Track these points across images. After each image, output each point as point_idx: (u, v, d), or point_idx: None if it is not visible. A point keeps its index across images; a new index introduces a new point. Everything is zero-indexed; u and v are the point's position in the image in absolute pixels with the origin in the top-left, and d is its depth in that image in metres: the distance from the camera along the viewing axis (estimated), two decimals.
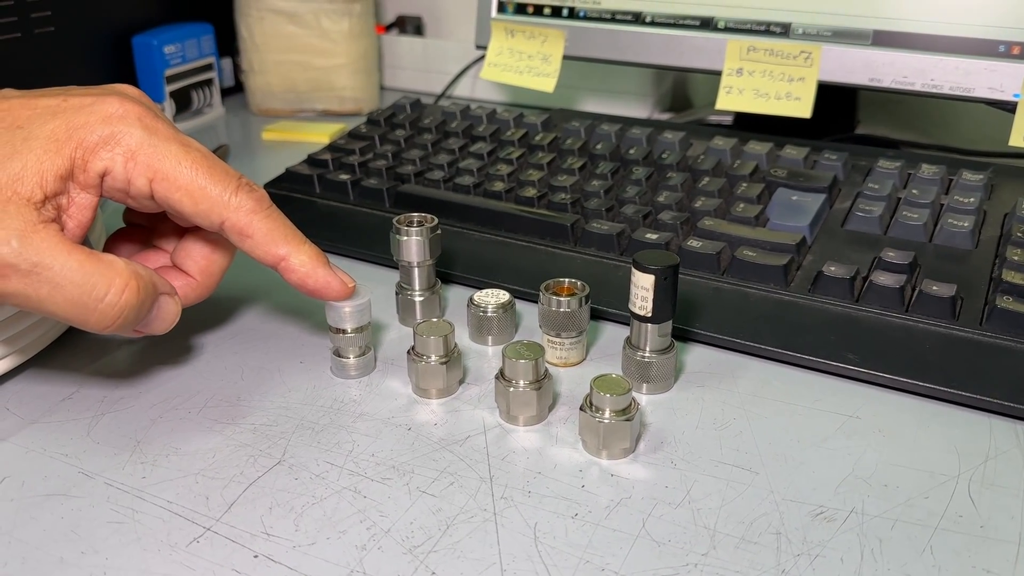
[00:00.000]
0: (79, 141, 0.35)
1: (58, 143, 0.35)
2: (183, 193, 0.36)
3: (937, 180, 0.55)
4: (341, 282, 0.40)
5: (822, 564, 0.31)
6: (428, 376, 0.41)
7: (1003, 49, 0.56)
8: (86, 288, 0.34)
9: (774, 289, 0.46)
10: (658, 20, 0.66)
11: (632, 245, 0.50)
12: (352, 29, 0.83)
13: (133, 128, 0.36)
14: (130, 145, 0.36)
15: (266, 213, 0.38)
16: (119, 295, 0.34)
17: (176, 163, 0.36)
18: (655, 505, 0.34)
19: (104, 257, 0.35)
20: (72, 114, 0.36)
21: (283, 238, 0.39)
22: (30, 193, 0.34)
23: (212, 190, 0.37)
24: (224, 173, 0.37)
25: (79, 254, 0.34)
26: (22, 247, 0.33)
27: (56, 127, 0.35)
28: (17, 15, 0.69)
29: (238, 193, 0.37)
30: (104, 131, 0.35)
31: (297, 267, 0.39)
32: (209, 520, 0.33)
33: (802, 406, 0.40)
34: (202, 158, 0.37)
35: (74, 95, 0.37)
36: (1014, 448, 0.37)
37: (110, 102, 0.36)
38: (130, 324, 0.36)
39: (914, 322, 0.43)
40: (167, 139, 0.37)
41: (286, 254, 0.38)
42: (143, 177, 0.36)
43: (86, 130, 0.35)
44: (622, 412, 0.36)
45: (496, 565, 0.31)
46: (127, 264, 0.35)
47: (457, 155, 0.62)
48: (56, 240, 0.34)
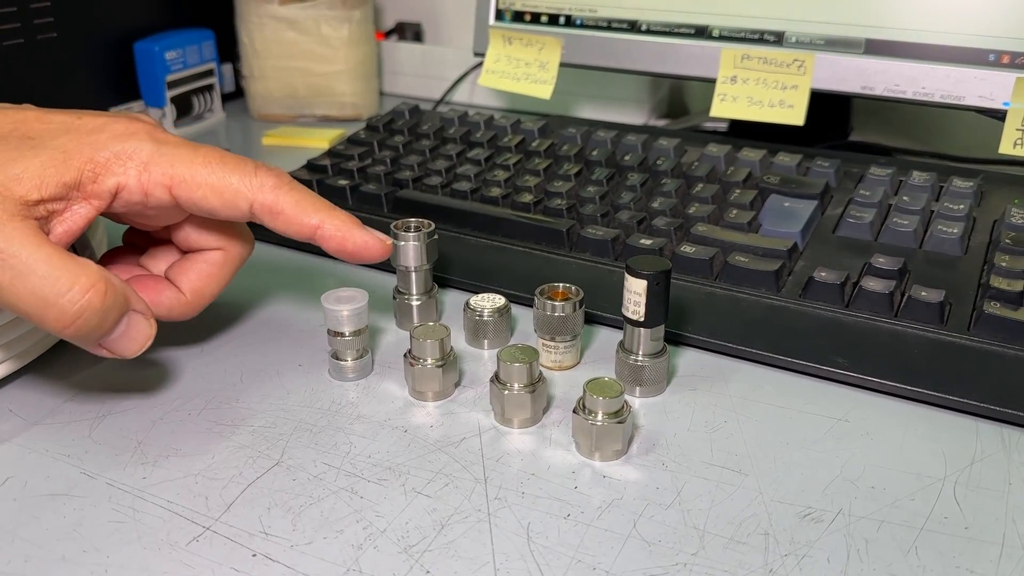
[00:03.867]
0: (89, 156, 0.36)
1: (67, 154, 0.36)
2: (206, 189, 0.37)
3: (928, 187, 0.55)
4: (379, 240, 0.40)
5: (809, 564, 0.32)
6: (424, 379, 0.41)
7: (993, 58, 0.57)
8: (49, 280, 0.33)
9: (765, 294, 0.47)
10: (653, 28, 0.67)
11: (626, 250, 0.51)
12: (352, 35, 0.83)
13: (143, 142, 0.37)
14: (142, 158, 0.37)
15: (290, 187, 0.39)
16: (82, 293, 0.34)
17: (190, 164, 0.37)
18: (646, 506, 0.35)
19: (77, 259, 0.34)
20: (85, 133, 0.37)
21: (313, 208, 0.39)
22: (25, 192, 0.34)
23: (232, 178, 0.37)
24: (238, 160, 0.38)
25: (50, 248, 0.34)
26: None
27: (67, 141, 0.36)
28: (20, 21, 0.70)
29: (257, 174, 0.38)
30: (115, 148, 0.36)
31: (333, 232, 0.39)
32: (208, 520, 0.34)
33: (792, 409, 0.41)
34: (213, 153, 0.38)
35: (87, 115, 0.38)
36: (999, 451, 0.38)
37: (122, 122, 0.38)
38: (91, 329, 0.34)
39: (903, 327, 0.44)
40: (176, 145, 0.38)
41: (319, 222, 0.39)
42: (160, 186, 0.37)
43: (97, 146, 0.36)
44: (615, 415, 0.37)
45: (489, 564, 0.32)
46: (99, 269, 0.35)
47: (455, 161, 0.63)
48: (30, 232, 0.34)
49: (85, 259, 0.35)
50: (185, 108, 0.82)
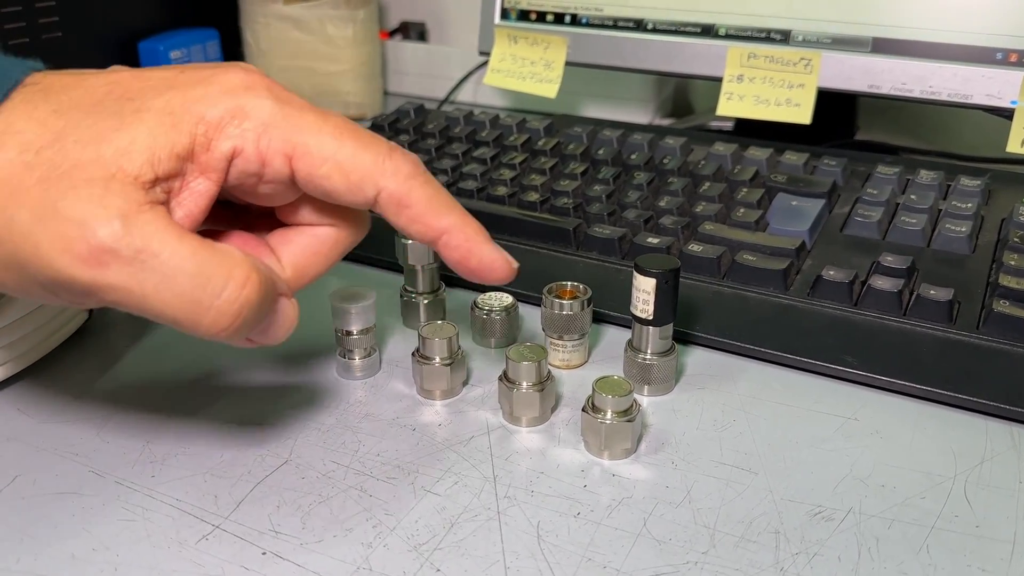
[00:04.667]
0: (200, 115, 0.30)
1: (174, 116, 0.30)
2: (331, 165, 0.31)
3: (935, 186, 0.55)
4: (507, 261, 0.34)
5: (820, 562, 0.32)
6: (432, 377, 0.41)
7: (1000, 56, 0.57)
8: (200, 280, 0.28)
9: (774, 293, 0.47)
10: (659, 27, 0.67)
11: (633, 249, 0.51)
12: (356, 35, 0.83)
13: (262, 99, 0.31)
14: (261, 118, 0.31)
15: (424, 178, 0.33)
16: (239, 289, 0.29)
17: (318, 132, 0.31)
18: (656, 504, 0.35)
19: (219, 246, 0.30)
20: (191, 87, 0.31)
21: (446, 208, 0.33)
22: (138, 171, 0.29)
23: (363, 157, 0.31)
24: (372, 137, 0.32)
25: (192, 241, 0.29)
26: (126, 229, 0.28)
27: (172, 99, 0.30)
28: (25, 20, 0.70)
29: (392, 157, 0.32)
30: (230, 104, 0.30)
31: (462, 242, 0.33)
32: (218, 518, 0.34)
33: (801, 408, 0.41)
34: (345, 123, 0.32)
35: (191, 68, 0.32)
36: (1009, 450, 0.38)
37: (233, 73, 0.31)
38: (249, 326, 0.30)
39: (912, 326, 0.44)
40: (302, 108, 0.32)
41: (449, 226, 0.33)
42: (280, 155, 0.31)
43: (207, 102, 0.30)
44: (624, 413, 0.37)
45: (500, 563, 0.32)
46: (245, 256, 0.30)
47: (460, 160, 0.63)
48: (165, 223, 0.29)
49: (226, 245, 0.30)
50: None
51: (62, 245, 0.27)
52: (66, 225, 0.27)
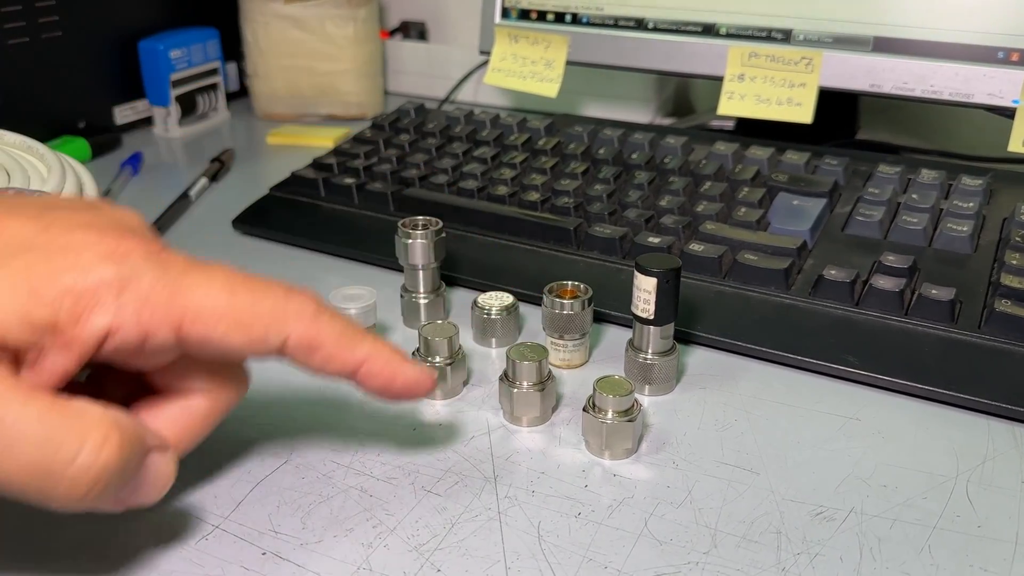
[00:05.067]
0: (67, 287, 0.26)
1: (34, 281, 0.26)
2: (228, 323, 0.28)
3: (937, 185, 0.55)
4: (428, 374, 0.33)
5: (822, 563, 0.32)
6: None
7: (1002, 55, 0.56)
8: (50, 447, 0.25)
9: (775, 292, 0.47)
10: (660, 26, 0.67)
11: (634, 249, 0.51)
12: (357, 34, 0.83)
13: (140, 266, 0.27)
14: (141, 289, 0.27)
15: (329, 314, 0.31)
16: (95, 453, 0.25)
17: (207, 291, 0.28)
18: (657, 505, 0.35)
19: (73, 404, 0.26)
20: (56, 251, 0.27)
21: (358, 337, 0.31)
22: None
23: (262, 306, 0.29)
24: (266, 283, 0.30)
25: (39, 402, 0.25)
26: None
27: (32, 262, 0.26)
28: (25, 20, 0.70)
29: (291, 299, 0.30)
30: (104, 273, 0.27)
31: (382, 367, 0.31)
32: (217, 518, 0.34)
33: (803, 408, 0.41)
34: (232, 274, 0.29)
35: (56, 221, 0.28)
36: (1012, 449, 0.38)
37: (105, 235, 0.28)
38: (111, 491, 0.27)
39: (913, 325, 0.44)
40: (185, 269, 0.28)
41: (365, 355, 0.31)
42: (166, 325, 0.28)
43: (76, 272, 0.26)
44: (624, 413, 0.37)
45: (500, 563, 0.32)
46: (103, 411, 0.26)
47: (461, 159, 0.62)
48: (8, 384, 0.25)
49: (80, 401, 0.26)
50: (189, 107, 0.82)
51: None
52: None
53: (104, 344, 0.27)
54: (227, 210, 0.62)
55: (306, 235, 0.58)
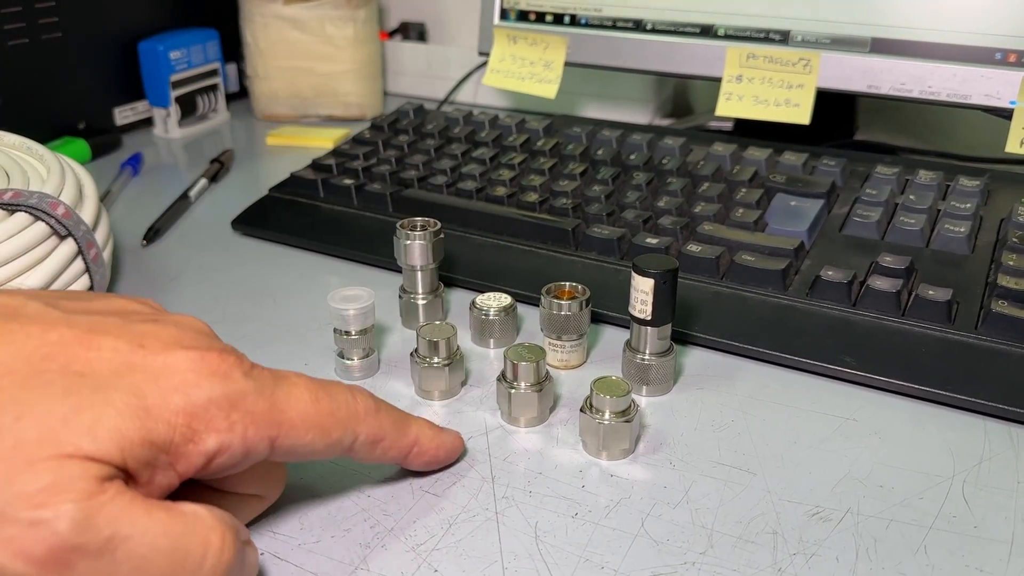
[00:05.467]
0: (181, 406, 0.27)
1: (146, 401, 0.26)
2: (315, 432, 0.30)
3: (934, 186, 0.55)
4: (460, 437, 0.37)
5: (818, 563, 0.32)
6: (431, 378, 0.41)
7: (999, 57, 0.57)
8: (178, 556, 0.25)
9: (772, 293, 0.47)
10: (659, 27, 0.67)
11: (632, 249, 0.51)
12: (356, 35, 0.83)
13: (243, 383, 0.28)
14: (246, 407, 0.28)
15: (382, 405, 0.33)
16: (218, 556, 0.26)
17: (297, 403, 0.29)
18: (654, 505, 0.35)
19: (187, 510, 0.26)
20: (161, 371, 0.27)
21: (406, 422, 0.34)
22: (102, 453, 0.25)
23: (338, 410, 0.31)
24: (333, 386, 0.31)
25: (161, 513, 0.26)
26: (89, 518, 0.24)
27: (139, 382, 0.26)
28: (25, 21, 0.70)
29: (356, 399, 0.32)
30: (212, 392, 0.27)
31: (429, 445, 0.34)
32: None
33: (799, 408, 0.41)
34: (310, 382, 0.31)
35: (146, 337, 0.28)
36: (1008, 450, 0.38)
37: (204, 352, 0.28)
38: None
39: (910, 326, 0.44)
40: (275, 383, 0.29)
41: (415, 437, 0.34)
42: (265, 440, 0.28)
43: (187, 392, 0.27)
44: (622, 414, 0.37)
45: (498, 563, 0.32)
46: (210, 512, 0.27)
47: (460, 160, 0.63)
48: (129, 499, 0.25)
49: (190, 505, 0.27)
50: (189, 108, 0.82)
51: (12, 549, 0.23)
52: (13, 526, 0.23)
53: (212, 462, 0.27)
54: (227, 211, 0.62)
55: (305, 236, 0.58)
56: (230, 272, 0.55)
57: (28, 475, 0.24)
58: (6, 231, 0.43)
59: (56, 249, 0.45)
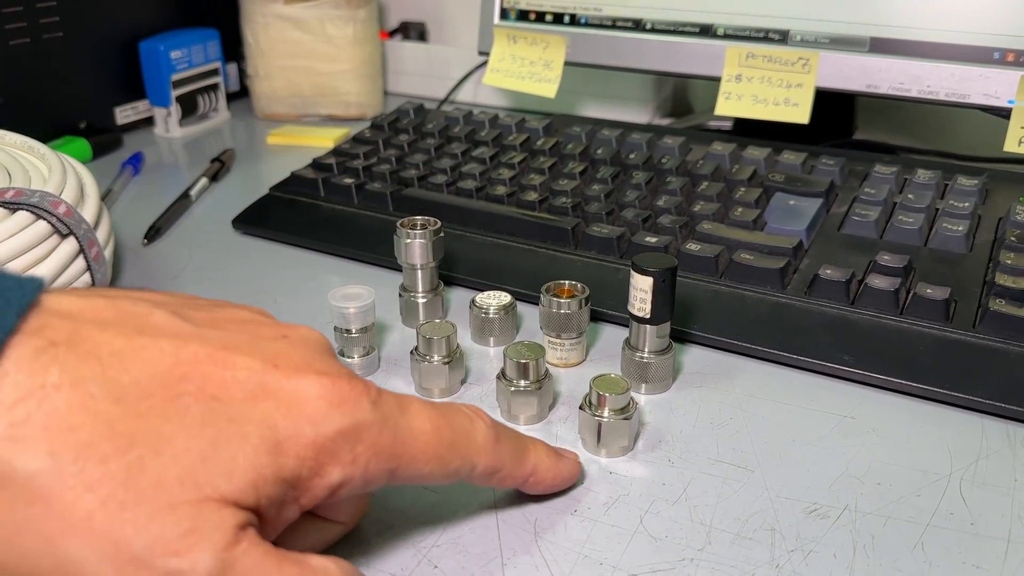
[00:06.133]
0: (311, 439, 0.26)
1: (278, 433, 0.25)
2: (433, 463, 0.29)
3: (932, 185, 0.55)
4: (577, 463, 0.36)
5: (815, 559, 0.32)
6: (431, 376, 0.41)
7: (998, 56, 0.57)
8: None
9: (771, 292, 0.47)
10: (658, 27, 0.67)
11: (632, 248, 0.51)
12: (356, 35, 0.83)
13: (369, 414, 0.27)
14: (371, 438, 0.27)
15: (501, 434, 0.32)
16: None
17: (419, 435, 0.28)
18: (652, 502, 0.35)
19: (313, 563, 0.26)
20: (292, 399, 0.26)
21: (525, 449, 0.33)
22: (238, 494, 0.24)
23: (457, 440, 0.30)
24: (452, 411, 0.30)
25: (291, 567, 0.25)
26: (224, 570, 0.23)
27: (271, 411, 0.25)
28: (26, 20, 0.70)
29: (475, 427, 0.31)
30: (339, 423, 0.26)
31: (547, 475, 0.34)
32: None
33: (798, 406, 0.41)
34: (430, 408, 0.30)
35: (280, 357, 0.27)
36: (1005, 448, 0.38)
37: (334, 379, 0.27)
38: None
39: (908, 324, 0.44)
40: (399, 410, 0.28)
41: (533, 466, 0.33)
42: (385, 472, 0.28)
43: (317, 424, 0.26)
44: (621, 411, 0.37)
45: (497, 559, 0.32)
46: (338, 566, 0.26)
47: (460, 159, 0.63)
48: (263, 551, 0.24)
49: (318, 558, 0.26)
50: (190, 107, 0.83)
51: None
52: (149, 572, 0.22)
53: (334, 494, 0.27)
54: (227, 210, 0.62)
55: (306, 235, 0.58)
56: (231, 271, 0.55)
57: (168, 519, 0.23)
58: (8, 230, 0.43)
59: (57, 248, 0.45)
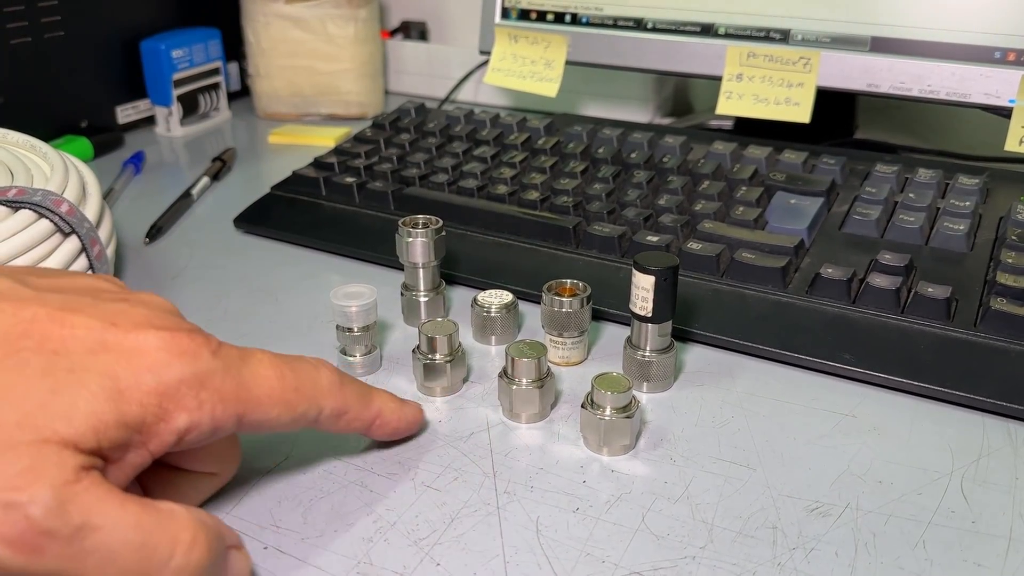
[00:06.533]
0: (152, 387, 0.27)
1: (120, 383, 0.27)
2: (280, 407, 0.31)
3: (933, 184, 0.55)
4: (420, 409, 0.38)
5: (817, 557, 0.32)
6: (433, 374, 0.41)
7: (998, 55, 0.57)
8: (146, 551, 0.25)
9: (772, 290, 0.47)
10: (659, 26, 0.67)
11: (633, 247, 0.51)
12: (357, 34, 0.84)
13: (211, 362, 0.29)
14: (214, 385, 0.29)
15: (346, 378, 0.34)
16: (186, 555, 0.26)
17: (263, 380, 0.30)
18: (654, 500, 0.35)
19: (161, 507, 0.27)
20: (133, 351, 0.27)
21: (370, 394, 0.35)
22: (78, 436, 0.25)
23: (303, 385, 0.31)
24: (297, 360, 0.32)
25: (134, 507, 0.26)
26: (62, 504, 0.24)
27: (111, 362, 0.27)
28: (28, 19, 0.70)
29: (320, 374, 0.33)
30: (182, 373, 0.28)
31: (391, 417, 0.36)
32: (219, 513, 0.34)
33: (799, 405, 0.41)
34: (275, 358, 0.31)
35: (119, 316, 0.28)
36: (1006, 446, 0.38)
37: (174, 333, 0.28)
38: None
39: (909, 323, 0.44)
40: (242, 359, 0.30)
41: (378, 409, 0.35)
42: (233, 417, 0.29)
43: (158, 372, 0.27)
44: (623, 410, 0.37)
45: (499, 557, 0.32)
46: (189, 512, 0.27)
47: (461, 159, 0.63)
48: (105, 490, 0.25)
49: (167, 503, 0.27)
50: (191, 107, 0.83)
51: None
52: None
53: (182, 439, 0.28)
54: (229, 209, 0.62)
55: (307, 234, 0.58)
56: (232, 270, 0.55)
57: (7, 458, 0.24)
58: (10, 228, 0.43)
59: (60, 246, 0.45)
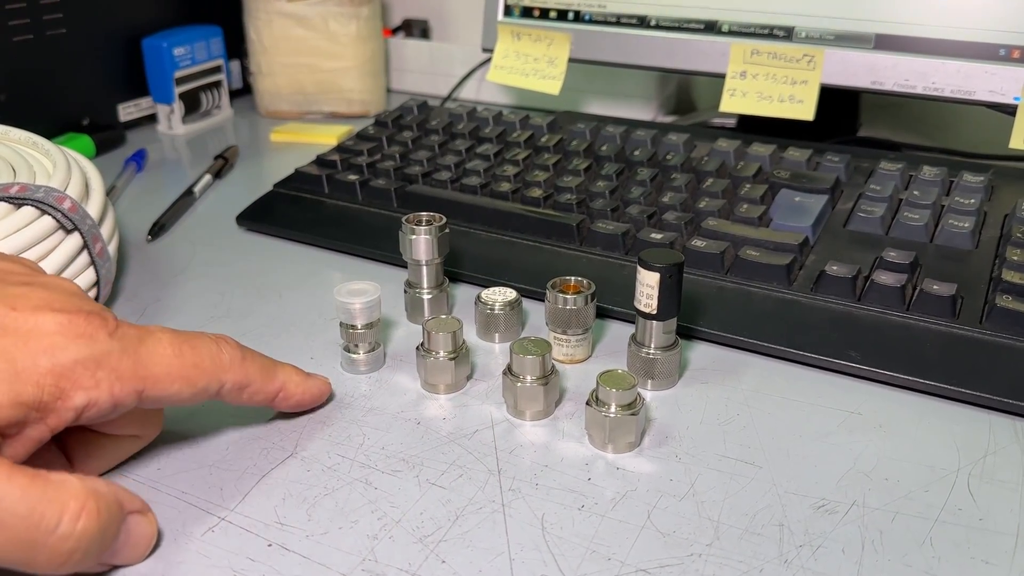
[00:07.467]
0: (49, 367, 0.29)
1: (16, 364, 0.28)
2: (180, 382, 0.32)
3: (938, 182, 0.55)
4: (326, 382, 0.40)
5: (824, 555, 0.32)
6: (437, 371, 0.41)
7: (1003, 53, 0.57)
8: (32, 519, 0.26)
9: (777, 288, 0.47)
10: (663, 24, 0.67)
11: (637, 245, 0.51)
12: (359, 32, 0.83)
13: (106, 343, 0.30)
14: (111, 365, 0.30)
15: (248, 353, 0.35)
16: (73, 523, 0.27)
17: (161, 358, 0.32)
18: (660, 497, 0.35)
19: (52, 476, 0.28)
20: (28, 334, 0.29)
21: (273, 367, 0.37)
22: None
23: (203, 362, 0.33)
24: (197, 337, 0.34)
25: (20, 477, 0.27)
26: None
27: (11, 345, 0.28)
28: (29, 17, 0.70)
29: (222, 348, 0.34)
30: (79, 354, 0.29)
31: (295, 390, 0.38)
32: (224, 510, 0.34)
33: (804, 402, 0.41)
34: (173, 334, 0.33)
35: (19, 300, 0.30)
36: (1013, 444, 0.38)
37: (72, 316, 0.30)
38: (91, 557, 0.29)
39: (915, 320, 0.44)
40: (139, 338, 0.31)
41: (282, 382, 0.37)
42: (132, 393, 0.31)
43: (55, 353, 0.29)
44: (627, 407, 0.37)
45: (504, 554, 0.32)
46: (82, 481, 0.28)
47: (464, 156, 0.63)
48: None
49: (62, 474, 0.28)
50: (193, 104, 0.83)
51: None
52: None
53: (81, 415, 0.30)
54: (231, 207, 0.62)
55: (310, 231, 0.58)
56: (235, 267, 0.55)
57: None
58: (13, 225, 0.43)
59: (62, 243, 0.45)
